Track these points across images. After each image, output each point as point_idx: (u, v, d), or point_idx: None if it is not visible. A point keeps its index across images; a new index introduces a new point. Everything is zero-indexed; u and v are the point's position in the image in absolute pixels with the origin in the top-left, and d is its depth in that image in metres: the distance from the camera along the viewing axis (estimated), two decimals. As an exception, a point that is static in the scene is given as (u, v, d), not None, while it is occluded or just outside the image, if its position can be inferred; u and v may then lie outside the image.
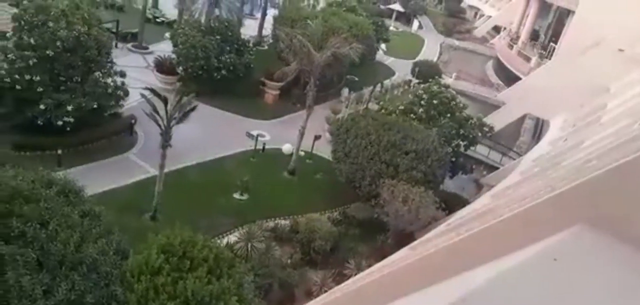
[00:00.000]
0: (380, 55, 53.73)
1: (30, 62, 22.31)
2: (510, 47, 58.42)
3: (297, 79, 34.47)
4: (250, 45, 37.66)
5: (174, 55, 34.47)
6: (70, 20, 23.39)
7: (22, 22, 22.86)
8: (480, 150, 32.92)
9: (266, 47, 46.25)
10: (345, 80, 40.07)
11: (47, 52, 22.47)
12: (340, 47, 33.01)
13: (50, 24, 22.78)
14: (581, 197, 8.70)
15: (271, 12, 48.70)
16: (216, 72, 33.43)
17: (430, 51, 64.71)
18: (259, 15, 49.97)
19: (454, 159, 28.03)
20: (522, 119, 40.19)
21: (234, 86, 34.53)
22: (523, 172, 20.56)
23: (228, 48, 34.34)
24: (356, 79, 40.13)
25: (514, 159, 31.85)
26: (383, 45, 53.99)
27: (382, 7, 77.81)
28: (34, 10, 23.17)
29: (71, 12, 23.85)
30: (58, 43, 22.58)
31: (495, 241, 9.77)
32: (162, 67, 34.45)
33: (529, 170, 19.92)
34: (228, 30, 35.16)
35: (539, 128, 39.67)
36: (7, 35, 23.07)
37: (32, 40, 22.47)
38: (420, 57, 57.37)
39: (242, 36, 37.71)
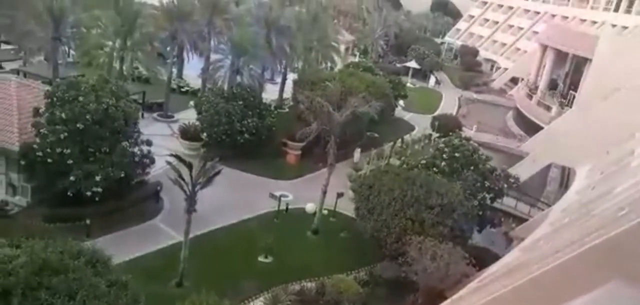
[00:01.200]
0: (399, 111, 54.17)
1: (61, 136, 23.14)
2: (530, 97, 58.38)
3: (318, 139, 34.85)
4: (272, 108, 38.49)
5: (198, 122, 35.36)
6: (100, 94, 24.38)
7: (55, 98, 23.89)
8: (508, 202, 32.30)
9: (287, 110, 47.14)
10: (365, 137, 40.33)
11: (77, 125, 23.31)
12: (359, 106, 33.54)
13: (81, 98, 23.76)
14: (616, 251, 8.31)
15: (291, 77, 49.92)
16: (239, 135, 34.10)
17: (448, 105, 65.00)
18: (279, 80, 51.27)
19: (480, 213, 27.51)
20: (547, 168, 39.58)
21: (256, 148, 35.08)
22: (553, 223, 20.06)
23: (250, 112, 35.12)
24: (376, 135, 40.38)
25: (543, 210, 31.11)
26: (401, 102, 54.51)
27: (398, 65, 79.20)
28: (65, 86, 24.26)
29: (100, 87, 24.90)
30: (88, 116, 23.45)
31: (528, 301, 9.43)
32: (187, 133, 35.30)
33: (558, 221, 19.43)
34: (250, 96, 36.10)
35: (566, 177, 38.92)
36: (40, 111, 24.03)
37: (63, 115, 23.38)
38: (439, 112, 57.60)
39: (264, 100, 38.64)
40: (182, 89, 48.29)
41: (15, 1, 39.10)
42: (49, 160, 23.07)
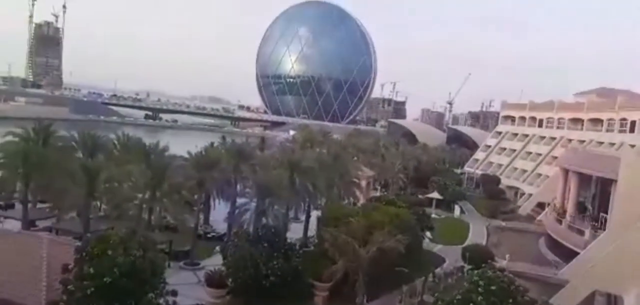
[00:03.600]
0: (426, 243, 53.06)
1: (88, 292, 22.98)
2: (559, 222, 56.94)
3: (346, 277, 33.97)
4: (297, 247, 38.15)
5: (223, 268, 35.02)
6: (128, 246, 24.60)
7: (84, 254, 24.14)
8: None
9: (312, 248, 46.59)
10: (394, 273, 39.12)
11: (105, 279, 23.23)
12: (385, 240, 33.06)
13: (109, 252, 23.94)
14: None
15: (314, 214, 50.14)
16: (265, 279, 33.43)
17: (477, 234, 63.63)
18: (303, 217, 51.46)
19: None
20: (591, 297, 37.30)
21: (283, 291, 34.14)
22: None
23: (275, 254, 34.79)
24: (406, 270, 39.16)
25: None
26: (428, 233, 53.65)
27: (420, 197, 79.24)
28: (95, 241, 24.64)
29: (129, 238, 25.20)
30: (115, 269, 23.42)
31: None
32: (212, 281, 34.77)
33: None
34: (275, 237, 36.02)
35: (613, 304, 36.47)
36: (69, 267, 24.17)
37: (91, 270, 23.43)
38: (468, 242, 56.19)
39: (289, 239, 38.44)
40: (209, 235, 48.60)
41: (52, 163, 41.39)
42: (75, 317, 22.70)
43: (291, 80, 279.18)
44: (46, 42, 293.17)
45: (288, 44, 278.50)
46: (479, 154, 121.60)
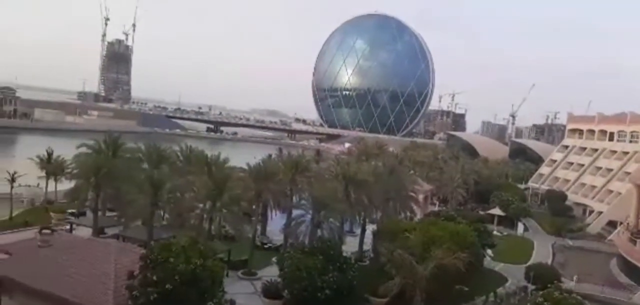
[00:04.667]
0: (488, 262, 51.15)
1: (152, 298, 23.92)
2: (634, 242, 53.28)
3: (402, 293, 33.35)
4: (352, 261, 37.92)
5: (279, 279, 35.39)
6: (189, 254, 25.43)
7: (148, 261, 25.19)
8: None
9: (367, 263, 46.24)
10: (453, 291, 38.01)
11: (167, 286, 24.09)
12: (444, 257, 32.19)
13: (172, 259, 24.86)
14: None
15: (370, 228, 49.72)
16: (320, 292, 33.41)
17: (542, 254, 60.62)
18: (358, 231, 51.16)
19: None
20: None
21: (338, 304, 33.99)
22: None
23: (331, 267, 34.73)
24: (466, 288, 37.95)
25: None
26: (489, 251, 51.75)
27: (481, 212, 76.69)
28: (159, 249, 25.66)
29: (190, 247, 26.05)
30: (177, 277, 24.26)
31: None
32: (269, 292, 35.24)
33: None
34: (330, 249, 36.00)
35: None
36: (135, 273, 25.28)
37: (154, 277, 24.39)
38: (532, 261, 53.65)
39: (344, 253, 38.29)
40: (266, 246, 49.34)
41: (120, 174, 43.73)
42: (140, 322, 23.65)
43: (347, 93, 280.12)
44: (117, 59, 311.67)
45: (344, 57, 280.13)
46: (544, 169, 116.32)
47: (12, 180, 54.46)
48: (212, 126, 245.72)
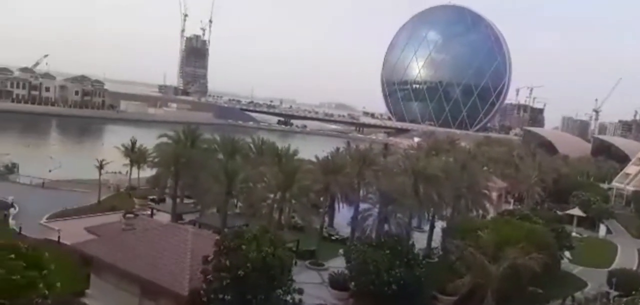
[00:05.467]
0: (565, 264, 48.53)
1: (224, 283, 25.06)
2: None
3: (472, 293, 32.52)
4: (420, 258, 37.46)
5: (346, 271, 35.72)
6: (260, 242, 26.35)
7: (222, 247, 26.39)
8: None
9: (436, 260, 45.43)
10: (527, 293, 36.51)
11: (239, 272, 25.13)
12: (518, 257, 31.00)
13: (244, 246, 25.88)
14: None
15: (439, 224, 48.78)
16: (386, 286, 33.33)
17: (626, 258, 56.47)
18: (427, 227, 50.36)
19: None
20: None
21: (404, 301, 33.72)
22: None
23: (398, 262, 34.50)
24: (540, 291, 36.34)
25: None
26: (567, 253, 49.06)
27: (559, 213, 72.69)
28: (232, 235, 26.82)
29: (261, 235, 26.99)
30: (248, 264, 25.23)
31: None
32: (336, 282, 35.69)
33: None
34: (397, 245, 35.76)
35: None
36: (209, 258, 26.58)
37: (227, 263, 25.53)
38: (615, 266, 50.29)
39: (411, 249, 37.86)
40: (333, 237, 49.91)
41: (197, 163, 46.07)
42: (212, 305, 24.89)
43: (417, 86, 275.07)
44: (195, 53, 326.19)
45: (415, 49, 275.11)
46: (631, 168, 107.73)
47: (101, 167, 58.89)
48: (282, 119, 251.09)
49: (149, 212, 49.46)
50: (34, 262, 19.44)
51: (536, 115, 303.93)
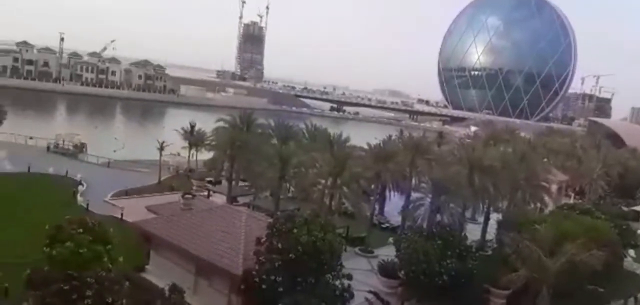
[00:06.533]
0: (629, 263, 46.04)
1: (276, 264, 25.72)
2: None
3: (527, 287, 31.57)
4: (473, 250, 36.74)
5: (396, 259, 35.61)
6: (311, 227, 26.76)
7: (274, 229, 27.05)
8: None
9: (490, 253, 44.31)
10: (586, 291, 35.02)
11: (290, 255, 25.68)
12: (577, 253, 29.78)
13: (295, 230, 26.38)
14: None
15: (494, 217, 47.50)
16: (438, 276, 32.98)
17: (700, 260, 52.71)
18: (481, 219, 49.17)
19: None
20: None
21: (455, 293, 33.26)
22: None
23: (449, 253, 34.02)
24: (601, 289, 34.75)
25: None
26: (632, 251, 46.52)
27: (624, 209, 68.77)
28: (284, 219, 27.41)
29: (312, 220, 27.40)
30: (299, 247, 25.72)
31: None
32: (385, 270, 35.65)
33: None
34: (450, 235, 35.23)
35: None
36: (262, 240, 27.32)
37: (279, 245, 26.16)
38: (686, 268, 47.06)
39: (464, 241, 37.19)
40: (383, 225, 49.79)
41: (253, 149, 47.26)
42: (264, 286, 25.60)
43: (476, 73, 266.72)
44: (252, 40, 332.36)
45: (475, 34, 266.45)
46: None
47: (161, 149, 61.52)
48: (335, 106, 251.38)
49: (206, 194, 51.22)
50: (99, 237, 20.70)
51: (602, 106, 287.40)
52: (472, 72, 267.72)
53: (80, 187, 51.70)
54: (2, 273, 27.15)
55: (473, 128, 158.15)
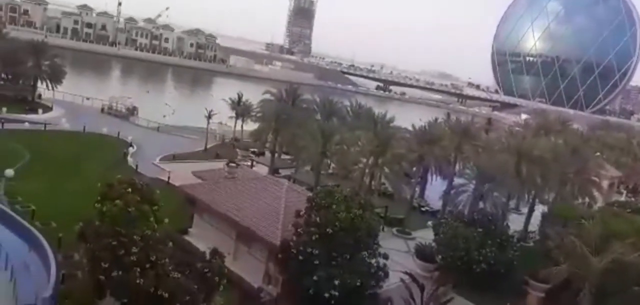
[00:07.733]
0: (683, 269, 43.71)
1: (313, 237, 26.10)
2: None
3: (567, 283, 30.71)
4: (514, 240, 36.00)
5: (434, 244, 35.38)
6: (350, 204, 26.92)
7: (313, 203, 27.39)
8: None
9: (532, 244, 43.29)
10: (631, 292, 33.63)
11: (327, 229, 25.97)
12: (625, 253, 28.68)
13: (334, 206, 26.61)
14: None
15: (539, 209, 46.19)
16: (476, 264, 32.59)
17: None
18: (525, 210, 47.93)
19: None
20: None
21: (493, 281, 32.81)
22: None
23: (490, 241, 33.48)
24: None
25: None
26: (687, 258, 44.05)
27: (683, 211, 65.10)
28: (323, 194, 27.69)
29: (351, 197, 27.55)
30: (337, 223, 25.98)
31: None
32: (422, 254, 35.52)
33: None
34: (491, 224, 34.62)
35: None
36: (301, 213, 27.74)
37: (317, 219, 26.49)
38: None
39: (506, 230, 36.45)
40: (422, 209, 49.41)
41: (297, 123, 47.71)
42: (300, 257, 26.10)
43: (531, 59, 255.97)
44: (302, 14, 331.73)
45: (533, 19, 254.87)
46: None
47: (209, 117, 63.05)
48: (381, 84, 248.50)
49: (250, 163, 52.37)
50: (147, 198, 21.63)
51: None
52: (527, 58, 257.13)
53: (130, 149, 53.93)
54: (56, 224, 28.94)
55: (524, 116, 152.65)
